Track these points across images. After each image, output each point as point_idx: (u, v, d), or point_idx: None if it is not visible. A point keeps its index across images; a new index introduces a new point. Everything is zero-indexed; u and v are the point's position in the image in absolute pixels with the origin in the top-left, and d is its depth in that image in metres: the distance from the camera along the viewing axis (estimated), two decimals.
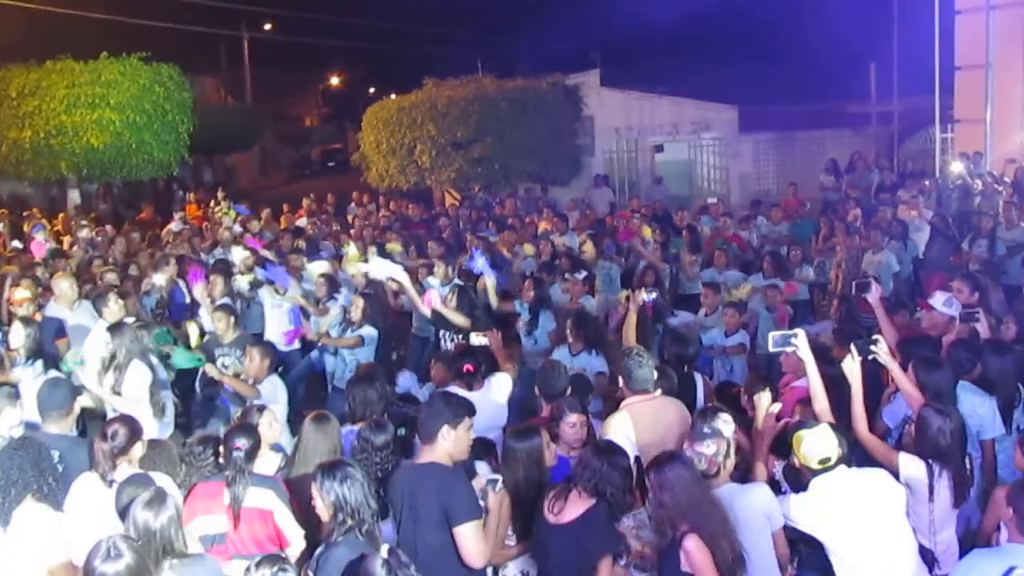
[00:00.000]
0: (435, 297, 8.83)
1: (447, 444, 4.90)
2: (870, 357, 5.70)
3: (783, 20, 25.39)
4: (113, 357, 7.31)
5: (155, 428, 7.07)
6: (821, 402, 5.53)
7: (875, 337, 5.86)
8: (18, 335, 7.78)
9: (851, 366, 5.55)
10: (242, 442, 5.32)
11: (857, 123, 22.64)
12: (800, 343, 5.64)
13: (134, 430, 5.46)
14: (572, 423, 5.81)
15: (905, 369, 5.91)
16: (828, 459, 4.84)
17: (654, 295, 8.28)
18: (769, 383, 6.50)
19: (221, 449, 5.44)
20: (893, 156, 21.35)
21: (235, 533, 5.17)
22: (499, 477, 5.12)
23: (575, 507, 4.86)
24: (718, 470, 4.87)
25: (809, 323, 9.96)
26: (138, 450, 5.45)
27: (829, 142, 22.26)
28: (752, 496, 4.90)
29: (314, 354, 10.10)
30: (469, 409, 5.04)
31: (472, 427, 5.03)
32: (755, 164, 23.22)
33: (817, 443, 4.86)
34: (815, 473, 4.87)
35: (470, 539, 4.71)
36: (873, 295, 7.41)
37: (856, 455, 5.23)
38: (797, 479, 5.21)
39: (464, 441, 4.99)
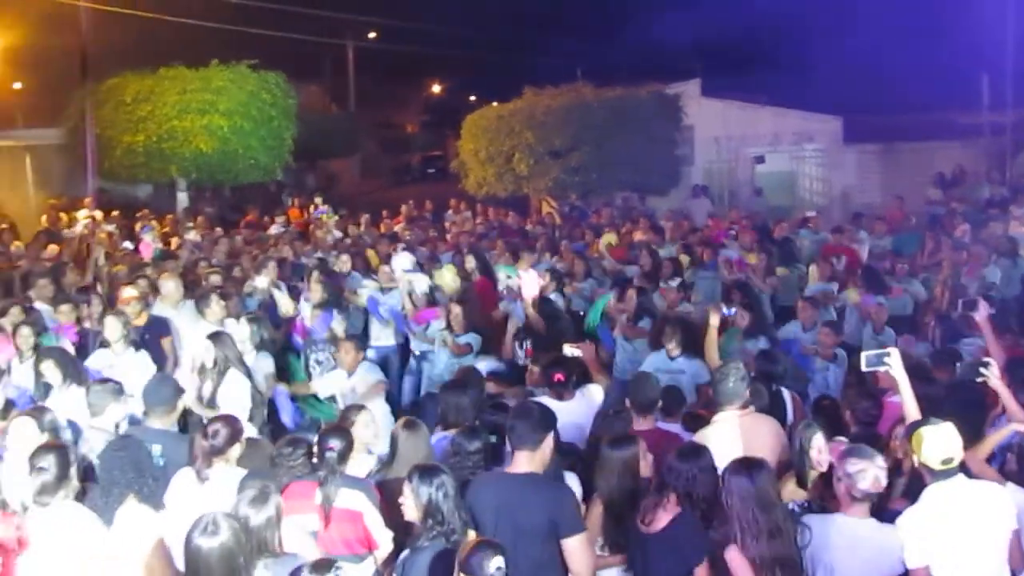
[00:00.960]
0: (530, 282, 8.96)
1: (547, 452, 4.96)
2: (979, 380, 5.54)
3: (891, 28, 24.77)
4: (215, 363, 7.49)
5: (252, 432, 7.25)
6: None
7: (986, 360, 5.70)
8: (113, 328, 8.12)
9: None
10: (335, 443, 5.41)
11: (967, 134, 21.93)
12: (894, 362, 5.53)
13: (235, 431, 5.59)
14: None
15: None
16: (951, 460, 4.66)
17: (733, 310, 8.19)
18: (874, 398, 6.38)
19: (314, 450, 5.53)
20: (1004, 169, 20.62)
21: (325, 533, 5.24)
22: None
23: (666, 515, 4.84)
24: (876, 497, 4.74)
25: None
26: (236, 450, 5.58)
27: (937, 154, 21.56)
28: (892, 537, 4.72)
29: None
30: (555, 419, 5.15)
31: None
32: (859, 176, 22.73)
33: (941, 441, 4.67)
34: (936, 476, 4.68)
35: (580, 552, 4.74)
36: (981, 314, 7.13)
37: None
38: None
39: (552, 450, 5.04)
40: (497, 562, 3.93)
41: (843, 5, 27.29)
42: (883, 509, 4.99)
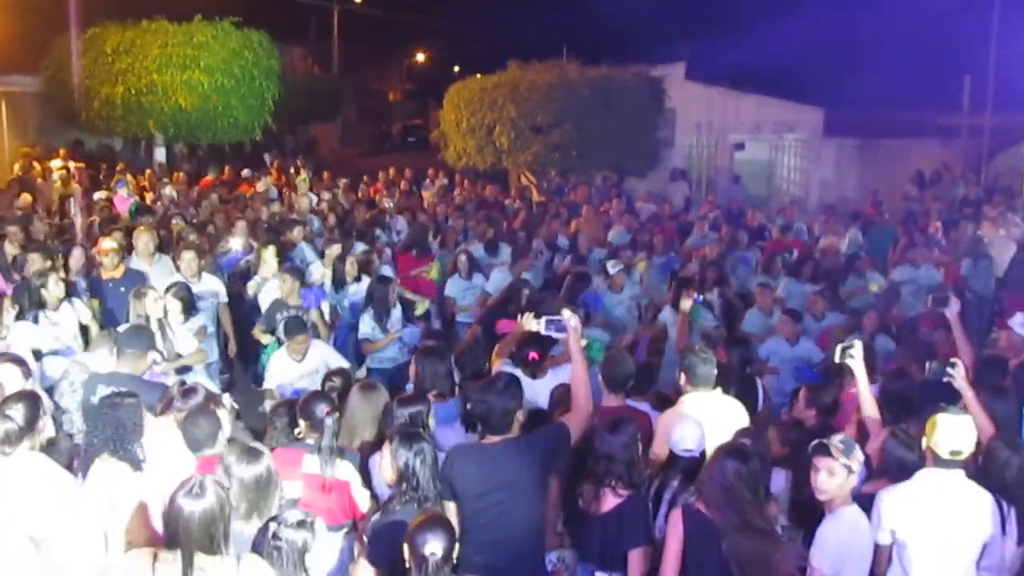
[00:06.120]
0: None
1: (516, 425, 4.97)
2: (945, 380, 5.59)
3: (876, 25, 24.83)
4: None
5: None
6: (869, 409, 5.59)
7: (953, 360, 5.73)
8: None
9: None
10: (331, 411, 5.25)
11: (946, 135, 22.09)
12: (856, 353, 5.64)
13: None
14: None
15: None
16: (960, 452, 4.68)
17: (702, 297, 8.25)
18: (832, 390, 6.47)
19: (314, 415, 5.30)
20: (981, 171, 20.81)
21: (310, 502, 5.08)
22: None
23: (611, 498, 4.87)
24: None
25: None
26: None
27: (915, 152, 21.74)
28: (863, 523, 4.72)
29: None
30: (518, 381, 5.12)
31: None
32: (837, 169, 22.85)
33: (956, 432, 4.67)
34: (939, 464, 4.69)
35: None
36: (951, 310, 7.08)
37: None
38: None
39: (521, 420, 5.07)
40: (434, 547, 3.82)
41: None
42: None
